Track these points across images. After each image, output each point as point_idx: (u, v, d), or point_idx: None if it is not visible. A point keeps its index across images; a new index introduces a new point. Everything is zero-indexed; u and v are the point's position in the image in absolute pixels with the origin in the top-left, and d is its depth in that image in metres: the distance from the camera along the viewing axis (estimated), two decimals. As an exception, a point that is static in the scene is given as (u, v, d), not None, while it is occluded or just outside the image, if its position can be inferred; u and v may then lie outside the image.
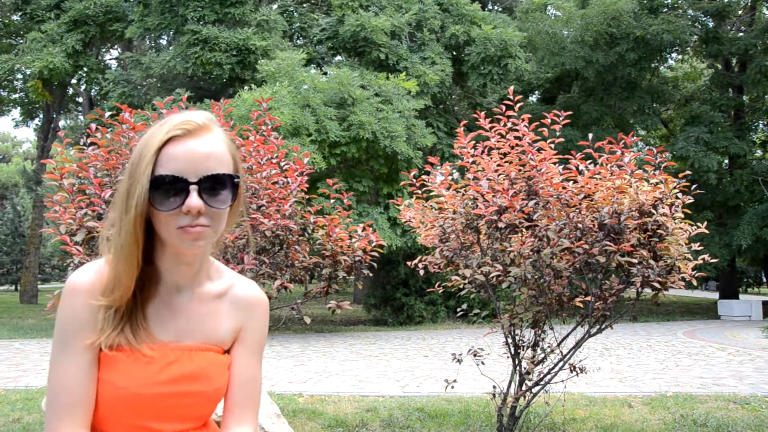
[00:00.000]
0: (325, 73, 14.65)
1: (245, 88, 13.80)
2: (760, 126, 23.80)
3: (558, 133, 4.33)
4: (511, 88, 4.75)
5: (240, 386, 1.29)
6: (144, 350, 1.16)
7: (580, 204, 3.98)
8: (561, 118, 4.35)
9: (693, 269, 4.03)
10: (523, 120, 4.30)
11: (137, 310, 1.18)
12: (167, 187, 1.12)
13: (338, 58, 18.14)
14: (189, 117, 1.17)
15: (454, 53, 17.83)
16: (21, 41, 19.70)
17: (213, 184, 1.14)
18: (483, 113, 4.59)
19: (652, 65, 21.22)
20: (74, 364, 1.14)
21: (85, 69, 18.74)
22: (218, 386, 1.24)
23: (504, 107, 4.43)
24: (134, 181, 1.13)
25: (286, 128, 12.22)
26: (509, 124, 4.36)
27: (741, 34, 21.73)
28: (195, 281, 1.26)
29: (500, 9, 24.69)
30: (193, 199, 1.12)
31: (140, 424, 1.16)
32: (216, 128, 1.20)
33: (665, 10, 20.82)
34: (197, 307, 1.26)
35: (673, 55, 23.02)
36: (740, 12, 22.14)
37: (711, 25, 21.32)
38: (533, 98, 24.05)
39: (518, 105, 4.39)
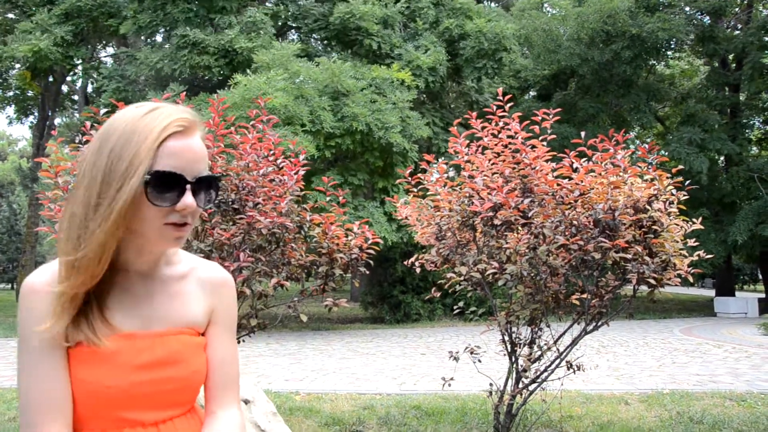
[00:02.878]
0: (317, 64, 14.57)
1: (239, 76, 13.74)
2: (756, 124, 23.84)
3: (550, 131, 4.33)
4: (500, 88, 4.77)
5: (219, 367, 1.28)
6: (104, 344, 1.13)
7: (575, 201, 3.98)
8: (551, 116, 4.35)
9: (689, 266, 4.04)
10: (514, 119, 4.30)
11: (92, 303, 1.15)
12: (165, 183, 1.11)
13: (333, 54, 18.13)
14: (182, 114, 1.16)
15: (449, 47, 17.80)
16: (11, 34, 19.56)
17: (204, 186, 1.17)
18: (475, 114, 4.60)
19: (649, 63, 21.24)
20: (44, 365, 1.11)
21: (78, 61, 18.62)
22: (195, 368, 1.23)
23: (495, 107, 4.44)
24: (125, 170, 1.10)
25: (279, 115, 12.17)
26: (501, 123, 4.37)
27: (737, 32, 21.75)
28: (155, 266, 1.25)
29: (497, 5, 24.67)
30: (189, 198, 1.13)
31: (119, 416, 1.14)
32: (199, 127, 1.20)
33: (661, 8, 20.83)
34: (160, 290, 1.24)
35: (670, 53, 23.01)
36: (737, 10, 22.16)
37: (707, 22, 21.33)
38: (530, 95, 24.06)
39: (509, 105, 4.40)
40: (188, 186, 1.13)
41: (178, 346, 1.21)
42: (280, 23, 17.38)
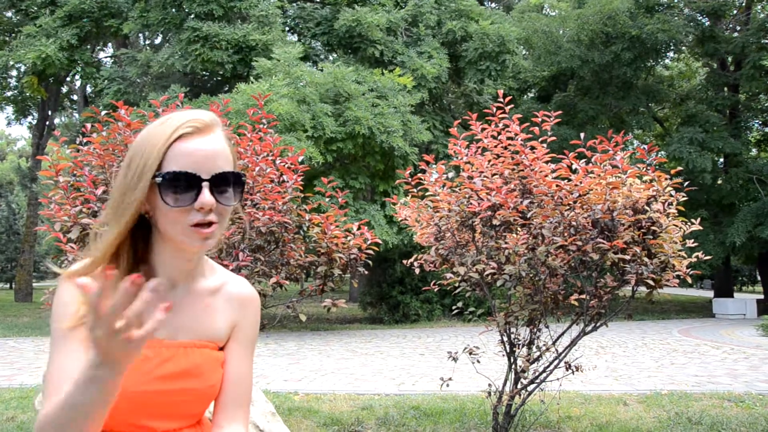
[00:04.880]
0: (321, 69, 14.53)
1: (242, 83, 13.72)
2: (755, 125, 23.88)
3: (550, 132, 4.34)
4: (501, 90, 4.78)
5: (233, 384, 1.28)
6: None
7: (574, 202, 3.98)
8: (551, 118, 4.35)
9: (687, 267, 4.04)
10: (513, 121, 4.31)
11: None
12: (179, 184, 1.13)
13: (334, 55, 18.11)
14: (196, 115, 1.18)
15: (451, 50, 17.78)
16: (15, 38, 19.55)
17: (222, 182, 1.16)
18: (475, 115, 4.61)
19: (648, 64, 21.26)
20: (73, 354, 1.12)
21: (80, 64, 18.64)
22: (212, 383, 1.24)
23: (495, 108, 4.44)
24: (136, 175, 1.14)
25: (283, 122, 12.18)
26: (501, 125, 4.37)
27: (736, 33, 21.79)
28: (190, 277, 1.26)
29: (497, 7, 24.67)
30: (206, 196, 1.13)
31: (134, 421, 1.16)
32: (219, 127, 1.21)
33: (661, 9, 20.86)
34: (192, 302, 1.26)
35: (669, 54, 23.04)
36: (735, 11, 22.20)
37: (707, 24, 21.37)
38: (529, 96, 24.06)
39: (509, 107, 4.41)
40: (204, 184, 1.13)
41: (200, 360, 1.23)
42: (282, 21, 17.33)
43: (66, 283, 1.16)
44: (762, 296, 23.31)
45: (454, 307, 5.21)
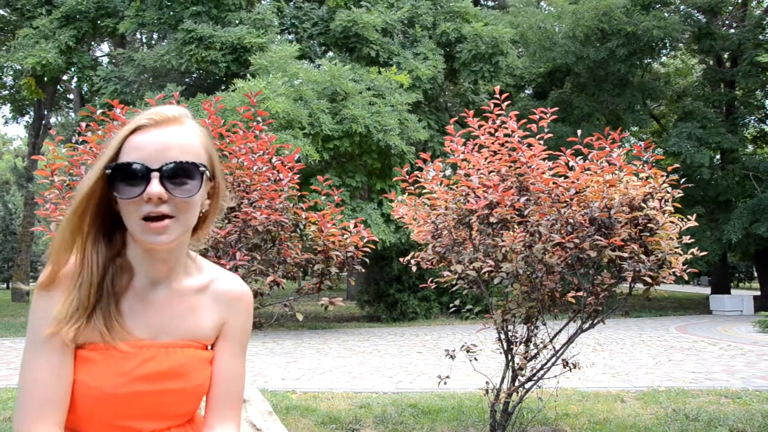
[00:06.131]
0: (318, 66, 14.53)
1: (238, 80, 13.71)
2: (752, 122, 23.93)
3: (546, 129, 4.33)
4: (497, 87, 4.77)
5: (223, 383, 1.26)
6: (119, 346, 1.13)
7: (571, 200, 3.98)
8: (548, 115, 4.35)
9: (684, 264, 4.05)
10: (511, 118, 4.30)
11: (110, 303, 1.14)
12: (128, 175, 1.10)
13: (330, 54, 18.09)
14: (159, 109, 1.16)
15: (446, 50, 17.80)
16: (11, 37, 19.51)
17: (176, 173, 1.12)
18: (472, 112, 4.61)
19: (644, 61, 21.28)
20: (47, 361, 1.11)
21: (78, 65, 18.62)
22: (199, 383, 1.22)
23: (492, 105, 4.44)
24: (94, 167, 1.13)
25: (279, 120, 12.16)
26: (498, 122, 4.37)
27: (732, 30, 21.82)
28: (171, 276, 1.22)
29: (493, 5, 24.66)
30: (154, 186, 1.09)
31: (118, 423, 1.14)
32: (188, 121, 1.19)
33: (657, 6, 20.87)
34: (175, 302, 1.22)
35: (665, 51, 23.04)
36: (731, 8, 22.22)
37: (703, 20, 21.39)
38: (526, 93, 24.07)
39: (506, 103, 4.41)
40: (153, 174, 1.10)
41: (184, 360, 1.20)
42: (277, 22, 17.34)
43: (40, 293, 1.14)
44: (759, 293, 23.37)
45: (451, 305, 5.21)
